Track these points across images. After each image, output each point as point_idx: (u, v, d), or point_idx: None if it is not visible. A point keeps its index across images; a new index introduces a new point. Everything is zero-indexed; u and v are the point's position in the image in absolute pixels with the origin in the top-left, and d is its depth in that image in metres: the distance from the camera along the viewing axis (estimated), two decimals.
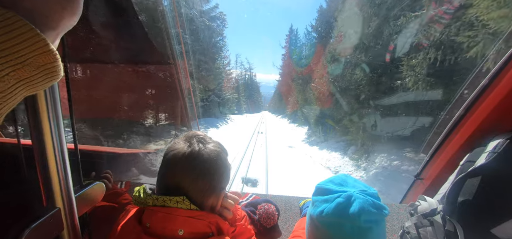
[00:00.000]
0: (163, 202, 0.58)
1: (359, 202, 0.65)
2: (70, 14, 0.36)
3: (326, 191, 0.73)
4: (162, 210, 0.58)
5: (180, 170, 0.60)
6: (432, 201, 1.09)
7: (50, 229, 0.50)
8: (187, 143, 0.63)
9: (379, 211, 0.65)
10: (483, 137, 1.06)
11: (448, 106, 1.54)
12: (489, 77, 1.04)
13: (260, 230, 1.12)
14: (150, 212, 0.59)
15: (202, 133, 0.68)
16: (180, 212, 0.57)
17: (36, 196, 0.50)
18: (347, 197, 0.67)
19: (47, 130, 0.48)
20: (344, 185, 0.74)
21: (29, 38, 0.30)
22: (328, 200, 0.69)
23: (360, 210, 0.63)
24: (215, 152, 0.64)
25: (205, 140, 0.66)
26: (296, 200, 1.37)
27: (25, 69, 0.31)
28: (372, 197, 0.67)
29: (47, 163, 0.49)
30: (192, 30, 14.49)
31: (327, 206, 0.68)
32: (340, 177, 0.79)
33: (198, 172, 0.61)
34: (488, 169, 0.90)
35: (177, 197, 0.58)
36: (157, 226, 0.58)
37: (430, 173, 1.37)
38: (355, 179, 0.78)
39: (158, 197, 0.59)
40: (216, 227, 0.61)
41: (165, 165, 0.62)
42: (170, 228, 0.57)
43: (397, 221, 1.22)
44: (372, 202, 0.66)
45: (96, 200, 0.67)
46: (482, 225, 0.86)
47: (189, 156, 0.61)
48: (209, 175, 0.62)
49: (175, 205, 0.58)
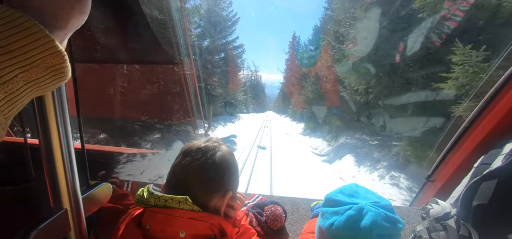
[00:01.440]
0: (164, 202, 0.57)
1: (371, 215, 0.62)
2: (79, 13, 0.36)
3: (336, 203, 0.70)
4: (162, 211, 0.57)
5: (192, 159, 0.62)
6: (445, 204, 1.05)
7: (57, 230, 0.49)
8: (204, 140, 0.68)
9: (392, 225, 0.62)
10: (499, 138, 1.02)
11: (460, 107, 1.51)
12: (506, 76, 1.00)
13: (268, 232, 1.10)
14: (150, 214, 0.58)
15: (219, 138, 0.72)
16: (181, 213, 0.56)
17: (43, 197, 0.49)
18: (359, 209, 0.64)
19: (54, 130, 0.47)
20: (355, 196, 0.71)
21: (38, 39, 0.30)
22: (339, 212, 0.66)
23: (372, 224, 0.60)
24: (228, 153, 0.68)
25: (221, 142, 0.70)
26: (304, 202, 1.35)
27: (34, 70, 0.30)
28: (385, 210, 0.64)
29: (54, 163, 0.49)
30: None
31: (337, 219, 0.65)
32: (351, 188, 0.75)
33: (209, 164, 0.62)
34: (504, 172, 0.86)
35: (179, 197, 0.57)
36: (157, 228, 0.56)
37: (442, 175, 1.33)
38: (367, 190, 0.75)
39: (160, 196, 0.58)
40: (219, 229, 0.59)
41: (178, 156, 0.65)
42: (171, 230, 0.55)
43: (408, 225, 1.19)
44: (385, 215, 0.63)
45: (103, 201, 0.66)
46: (498, 230, 0.83)
47: (204, 148, 0.64)
48: (220, 170, 0.64)
49: (177, 205, 0.56)
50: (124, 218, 0.71)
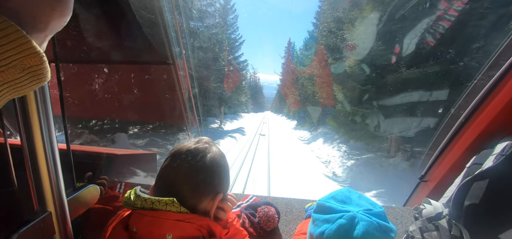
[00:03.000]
0: (151, 205, 0.56)
1: (363, 224, 0.60)
2: (59, 15, 0.35)
3: (328, 209, 0.68)
4: (149, 213, 0.56)
5: (181, 162, 0.61)
6: (438, 204, 1.06)
7: (41, 234, 0.48)
8: (194, 141, 0.66)
9: (385, 235, 0.60)
10: (491, 139, 1.03)
11: (455, 105, 1.52)
12: (497, 76, 1.01)
13: (260, 233, 1.09)
14: (137, 216, 0.57)
15: (209, 138, 0.71)
16: (168, 215, 0.55)
17: (26, 199, 0.48)
18: (350, 218, 0.62)
19: (37, 130, 0.46)
20: (347, 202, 0.69)
21: (14, 39, 0.29)
22: (330, 220, 0.64)
23: (364, 234, 0.58)
24: (219, 154, 0.67)
25: (211, 143, 0.69)
26: (297, 203, 1.34)
27: (9, 71, 0.30)
28: (378, 218, 0.62)
29: (38, 164, 0.47)
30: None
31: (328, 227, 0.63)
32: (343, 193, 0.73)
33: (199, 167, 0.61)
34: (496, 172, 0.87)
35: (166, 199, 0.56)
36: (144, 230, 0.55)
37: (434, 175, 1.34)
38: (360, 195, 0.73)
39: (147, 198, 0.57)
40: (207, 230, 0.58)
41: (167, 158, 0.64)
42: (158, 233, 0.54)
43: (401, 225, 1.19)
44: (377, 224, 0.61)
45: (90, 203, 0.65)
46: (489, 230, 0.83)
47: (194, 150, 0.63)
48: (209, 172, 0.63)
49: (164, 207, 0.55)
50: (113, 220, 0.70)
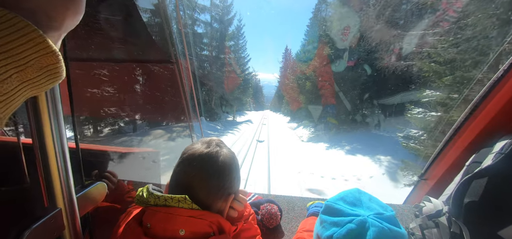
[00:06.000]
0: (164, 202, 0.58)
1: (374, 231, 0.57)
2: (73, 14, 0.36)
3: (337, 212, 0.66)
4: (163, 210, 0.58)
5: (195, 169, 0.62)
6: (437, 202, 1.07)
7: (51, 230, 0.49)
8: (205, 144, 0.66)
9: None
10: (490, 137, 1.04)
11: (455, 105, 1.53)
12: (497, 76, 1.02)
13: (263, 230, 1.11)
14: (151, 212, 0.59)
15: (219, 139, 0.72)
16: (181, 212, 0.57)
17: (37, 196, 0.49)
18: (361, 223, 0.59)
19: (48, 129, 0.47)
20: (357, 204, 0.67)
21: (32, 39, 0.30)
22: (339, 223, 0.62)
23: None
24: (229, 156, 0.68)
25: (222, 145, 0.70)
26: (299, 201, 1.36)
27: (28, 70, 0.31)
28: (389, 222, 0.60)
29: (48, 162, 0.49)
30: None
31: (337, 231, 0.60)
32: (353, 195, 0.70)
33: (212, 172, 0.63)
34: (495, 170, 0.88)
35: (178, 196, 0.58)
36: (158, 226, 0.57)
37: (435, 173, 1.35)
38: (371, 197, 0.70)
39: (160, 196, 0.59)
40: (218, 226, 0.60)
41: (181, 163, 0.65)
42: (171, 229, 0.56)
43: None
44: (389, 230, 0.58)
45: (98, 200, 0.66)
46: (488, 227, 0.84)
47: (206, 156, 0.63)
48: (222, 176, 0.64)
49: (176, 204, 0.58)
50: (124, 217, 0.72)
